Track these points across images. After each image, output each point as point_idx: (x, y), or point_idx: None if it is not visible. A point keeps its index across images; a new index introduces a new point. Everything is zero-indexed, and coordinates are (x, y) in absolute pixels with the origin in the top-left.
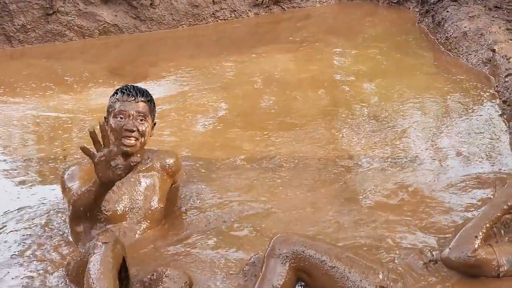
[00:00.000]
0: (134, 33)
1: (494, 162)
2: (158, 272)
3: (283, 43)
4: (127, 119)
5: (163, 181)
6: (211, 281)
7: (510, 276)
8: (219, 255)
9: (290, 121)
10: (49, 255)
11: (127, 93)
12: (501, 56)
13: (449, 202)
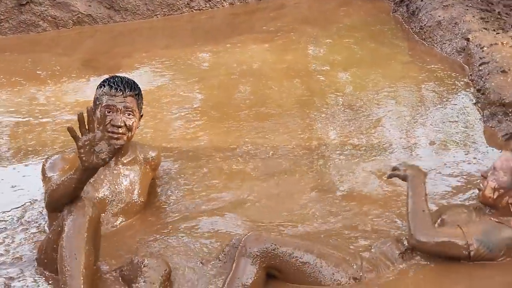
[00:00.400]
0: (108, 24)
1: (468, 151)
2: (136, 262)
3: (258, 33)
4: (115, 114)
5: (145, 175)
6: (189, 268)
7: (482, 258)
8: (196, 242)
9: (266, 111)
10: (24, 248)
11: (115, 87)
12: (475, 45)
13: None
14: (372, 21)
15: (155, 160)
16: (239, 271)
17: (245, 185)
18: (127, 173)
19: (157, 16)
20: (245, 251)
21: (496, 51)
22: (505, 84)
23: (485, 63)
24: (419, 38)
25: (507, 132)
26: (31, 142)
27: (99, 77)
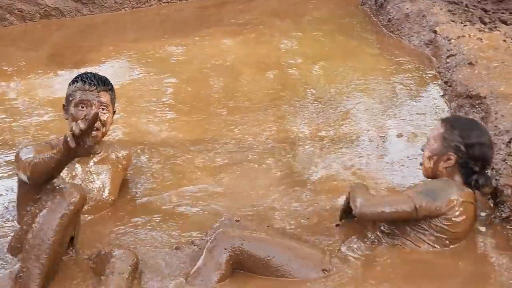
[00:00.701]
0: (76, 17)
1: None
2: (103, 253)
3: (227, 26)
4: (89, 109)
5: (116, 174)
6: (157, 258)
7: (431, 213)
8: (164, 234)
9: (236, 104)
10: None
11: (88, 82)
12: (443, 37)
13: (392, 182)
14: (341, 14)
15: (126, 159)
16: (206, 264)
17: (214, 178)
18: (99, 171)
19: (125, 9)
20: (214, 246)
21: (463, 44)
22: (472, 76)
23: (452, 55)
24: (387, 31)
25: None
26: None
27: (65, 71)
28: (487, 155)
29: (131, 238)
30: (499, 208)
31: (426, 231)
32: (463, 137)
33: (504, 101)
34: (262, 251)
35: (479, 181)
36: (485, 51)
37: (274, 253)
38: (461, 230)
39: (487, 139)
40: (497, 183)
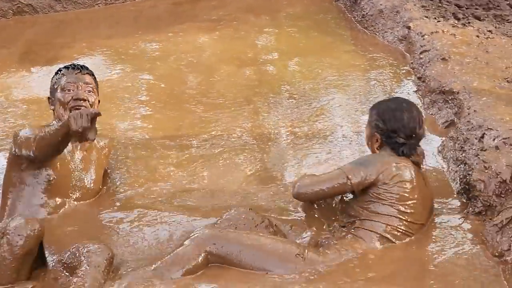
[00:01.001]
0: (49, 13)
1: None
2: (78, 248)
3: (201, 22)
4: (76, 90)
5: (101, 161)
6: (132, 253)
7: (366, 185)
8: (139, 229)
9: (211, 101)
10: None
11: (71, 67)
12: (416, 33)
13: None
14: (315, 10)
15: (108, 147)
16: (176, 257)
17: (189, 174)
18: (87, 159)
19: (98, 5)
20: (188, 244)
21: (436, 39)
22: (445, 72)
23: (426, 51)
24: (361, 27)
25: (447, 120)
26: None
27: (38, 69)
28: (405, 123)
29: (106, 233)
30: (472, 203)
31: (376, 204)
32: (379, 114)
33: (477, 96)
34: (239, 253)
35: (404, 151)
36: (459, 46)
37: (253, 253)
38: (412, 197)
39: (403, 109)
40: (469, 178)
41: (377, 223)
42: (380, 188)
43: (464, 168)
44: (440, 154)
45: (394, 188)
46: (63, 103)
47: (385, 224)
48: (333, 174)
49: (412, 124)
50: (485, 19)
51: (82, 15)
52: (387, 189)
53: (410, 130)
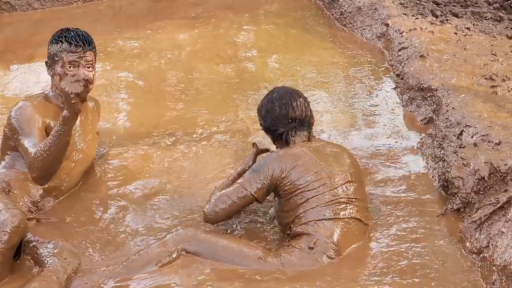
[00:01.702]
0: (27, 11)
1: (388, 135)
2: (53, 245)
3: (180, 19)
4: (77, 69)
5: (94, 124)
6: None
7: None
8: (115, 226)
9: (190, 98)
10: None
11: (74, 44)
12: (395, 30)
13: None
14: (293, 8)
15: (98, 108)
16: (158, 249)
17: (167, 171)
18: (84, 124)
19: (77, 3)
20: (164, 241)
21: (415, 36)
22: (424, 69)
23: (404, 48)
24: (340, 24)
25: (425, 117)
26: None
27: (16, 67)
28: (276, 114)
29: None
30: (451, 199)
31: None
32: (259, 114)
33: (455, 93)
34: (207, 253)
35: (287, 140)
36: (437, 43)
37: (219, 256)
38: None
39: (273, 100)
40: (448, 175)
41: (306, 213)
42: (284, 184)
43: (442, 165)
44: (419, 151)
45: (293, 175)
46: (62, 78)
47: (311, 209)
48: (231, 190)
49: (283, 111)
50: (463, 16)
51: (60, 12)
52: (289, 181)
53: (284, 118)
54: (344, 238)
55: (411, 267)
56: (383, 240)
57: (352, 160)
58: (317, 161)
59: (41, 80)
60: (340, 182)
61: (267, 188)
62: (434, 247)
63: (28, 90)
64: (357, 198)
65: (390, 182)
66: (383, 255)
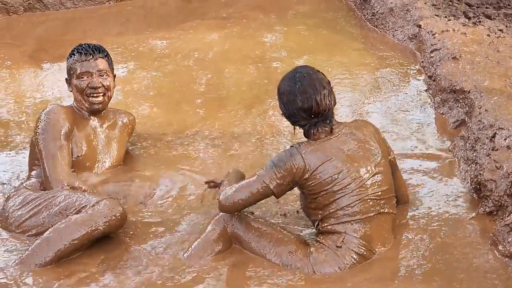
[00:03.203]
0: (59, 10)
1: (420, 138)
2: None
3: (211, 20)
4: (91, 78)
5: (123, 139)
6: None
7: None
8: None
9: (219, 99)
10: None
11: (84, 53)
12: (427, 31)
13: None
14: (325, 8)
15: (132, 124)
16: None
17: (196, 171)
18: (110, 136)
19: (109, 2)
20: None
21: (447, 38)
22: (456, 70)
23: (436, 50)
24: (371, 25)
25: (458, 119)
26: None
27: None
28: (298, 106)
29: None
30: (483, 202)
31: (318, 200)
32: (279, 97)
33: (488, 95)
34: (247, 236)
35: (308, 135)
36: (469, 45)
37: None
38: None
39: (296, 91)
40: (480, 178)
41: (335, 213)
42: (309, 185)
43: (475, 168)
44: (451, 153)
45: (317, 176)
46: (80, 89)
47: (339, 209)
48: (250, 181)
49: (306, 106)
50: (496, 18)
51: (92, 12)
52: (313, 182)
53: (307, 113)
54: (374, 234)
55: (441, 268)
56: (414, 241)
57: (377, 139)
58: (342, 159)
59: None
60: (367, 176)
61: (286, 186)
62: (466, 249)
63: (59, 89)
64: (384, 189)
65: (421, 184)
66: (413, 256)
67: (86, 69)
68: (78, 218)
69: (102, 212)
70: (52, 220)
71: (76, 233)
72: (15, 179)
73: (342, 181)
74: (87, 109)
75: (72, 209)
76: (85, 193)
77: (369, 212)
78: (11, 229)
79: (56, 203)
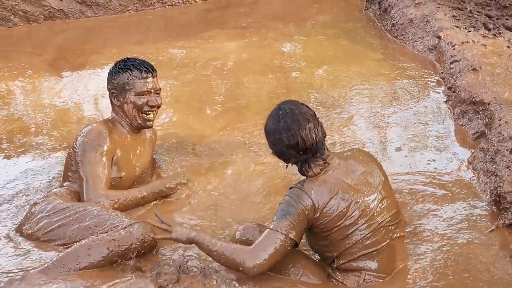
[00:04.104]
0: (80, 19)
1: (439, 149)
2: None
3: (230, 29)
4: (149, 96)
5: (151, 152)
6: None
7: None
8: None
9: (237, 108)
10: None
11: (144, 70)
12: (447, 42)
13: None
14: (344, 19)
15: (155, 138)
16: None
17: (210, 180)
18: (143, 152)
19: (129, 11)
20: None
21: (467, 49)
22: (476, 82)
23: (456, 61)
24: (391, 36)
25: (477, 130)
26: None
27: (67, 73)
28: (286, 146)
29: None
30: (503, 214)
31: (329, 237)
32: (266, 136)
33: (508, 107)
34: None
35: (301, 171)
36: (489, 57)
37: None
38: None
39: (280, 129)
40: (500, 190)
41: (349, 249)
42: (319, 224)
43: (494, 180)
44: (470, 165)
45: (327, 213)
46: (138, 106)
47: (353, 245)
48: (270, 240)
49: (292, 143)
50: None
51: (112, 21)
52: (324, 220)
53: (294, 150)
54: (391, 261)
55: (461, 280)
56: (434, 253)
57: (376, 164)
58: (348, 191)
59: (90, 88)
60: (375, 203)
61: (303, 230)
62: (486, 262)
63: (78, 98)
64: (393, 213)
65: (440, 196)
66: (433, 269)
67: (147, 87)
68: (109, 238)
69: (134, 236)
70: (81, 234)
71: (105, 252)
72: (34, 186)
73: (353, 214)
74: (138, 125)
75: (103, 227)
76: (118, 213)
77: (382, 242)
78: (35, 236)
79: (87, 218)
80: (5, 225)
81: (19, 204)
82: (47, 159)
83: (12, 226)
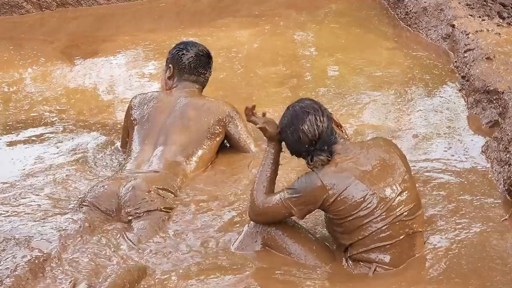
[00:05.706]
0: (92, 6)
1: (452, 138)
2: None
3: (243, 17)
4: None
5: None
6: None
7: (303, 210)
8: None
9: (250, 96)
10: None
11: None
12: (460, 31)
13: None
14: (357, 7)
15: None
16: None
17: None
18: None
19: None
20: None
21: (481, 38)
22: (490, 71)
23: (470, 50)
24: (404, 24)
25: (491, 119)
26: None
27: (80, 61)
28: (292, 141)
29: None
30: None
31: (343, 225)
32: (281, 132)
33: None
34: (283, 241)
35: (309, 163)
36: (503, 46)
37: (292, 245)
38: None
39: (284, 127)
40: None
41: (364, 240)
42: (332, 210)
43: (508, 169)
44: (484, 154)
45: (341, 202)
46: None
47: (368, 235)
48: (276, 203)
49: (295, 137)
50: None
51: (125, 8)
52: (337, 208)
53: (299, 144)
54: (404, 255)
55: (476, 271)
56: (447, 243)
57: (399, 155)
58: (366, 181)
59: (102, 75)
60: (393, 195)
61: (308, 210)
62: (500, 250)
63: (90, 85)
64: (411, 207)
65: (453, 185)
66: (446, 259)
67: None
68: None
69: None
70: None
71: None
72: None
73: (368, 205)
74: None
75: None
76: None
77: (398, 236)
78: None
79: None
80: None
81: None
82: (59, 147)
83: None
